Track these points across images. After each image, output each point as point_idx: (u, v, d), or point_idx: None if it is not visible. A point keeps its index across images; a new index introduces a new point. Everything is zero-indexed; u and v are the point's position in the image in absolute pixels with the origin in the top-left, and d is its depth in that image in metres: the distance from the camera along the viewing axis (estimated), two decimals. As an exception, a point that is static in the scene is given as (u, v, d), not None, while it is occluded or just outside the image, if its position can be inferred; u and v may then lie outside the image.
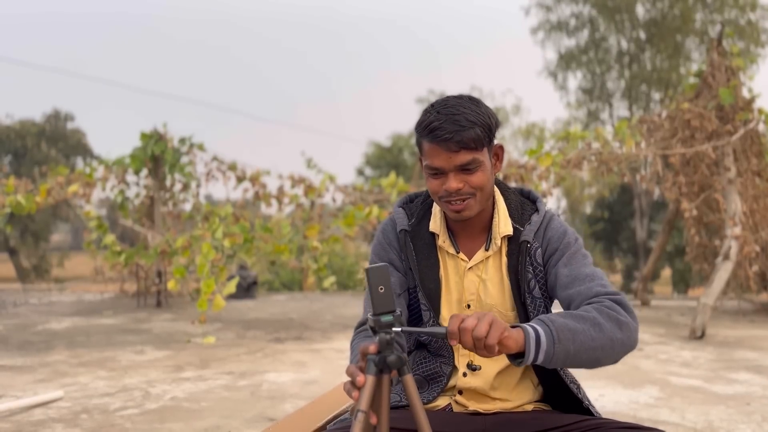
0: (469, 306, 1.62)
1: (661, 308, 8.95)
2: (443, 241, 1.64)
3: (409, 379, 1.26)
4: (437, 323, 1.62)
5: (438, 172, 1.53)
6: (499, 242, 1.61)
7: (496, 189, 1.66)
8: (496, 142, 1.59)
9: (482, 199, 1.57)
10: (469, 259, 1.63)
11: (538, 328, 1.34)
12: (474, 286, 1.62)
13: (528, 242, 1.59)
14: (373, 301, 1.25)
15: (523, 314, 1.60)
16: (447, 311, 1.63)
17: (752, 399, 3.81)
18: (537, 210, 1.65)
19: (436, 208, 1.68)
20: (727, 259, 6.62)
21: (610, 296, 1.46)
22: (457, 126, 1.48)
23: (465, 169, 1.51)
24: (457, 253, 1.63)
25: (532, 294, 1.59)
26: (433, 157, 1.52)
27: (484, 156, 1.53)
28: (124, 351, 5.45)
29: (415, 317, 1.68)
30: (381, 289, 1.25)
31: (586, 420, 1.53)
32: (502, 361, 1.60)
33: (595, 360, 1.39)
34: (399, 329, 1.26)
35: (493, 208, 1.64)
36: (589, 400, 1.66)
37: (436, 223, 1.66)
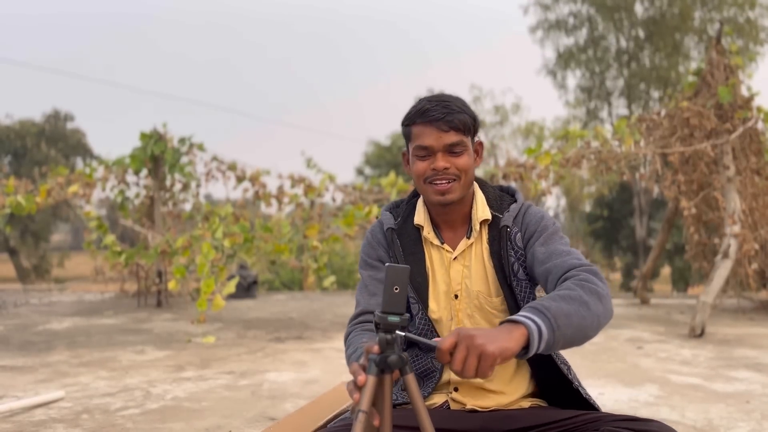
0: (456, 296, 1.67)
1: (660, 306, 8.95)
2: (428, 233, 1.71)
3: (411, 379, 1.27)
4: (425, 315, 1.68)
5: (427, 153, 1.63)
6: (478, 227, 1.69)
7: (474, 183, 1.76)
8: (477, 139, 1.71)
9: (464, 184, 1.65)
10: (453, 250, 1.70)
11: (536, 318, 1.33)
12: (460, 275, 1.68)
13: (508, 227, 1.67)
14: (385, 298, 1.25)
15: (510, 297, 1.65)
16: (434, 303, 1.69)
17: (752, 397, 3.81)
18: (516, 200, 1.74)
19: (420, 205, 1.76)
20: (726, 257, 6.63)
21: (584, 268, 1.51)
22: (448, 109, 1.61)
23: (452, 151, 1.62)
24: (442, 244, 1.70)
25: (517, 277, 1.65)
26: (424, 137, 1.63)
27: (469, 143, 1.65)
28: (125, 351, 5.46)
29: None
30: (396, 289, 1.25)
31: (583, 414, 1.55)
32: None
33: (584, 337, 1.42)
34: (403, 334, 1.26)
35: (472, 199, 1.73)
36: (579, 381, 1.69)
37: (420, 216, 1.74)
